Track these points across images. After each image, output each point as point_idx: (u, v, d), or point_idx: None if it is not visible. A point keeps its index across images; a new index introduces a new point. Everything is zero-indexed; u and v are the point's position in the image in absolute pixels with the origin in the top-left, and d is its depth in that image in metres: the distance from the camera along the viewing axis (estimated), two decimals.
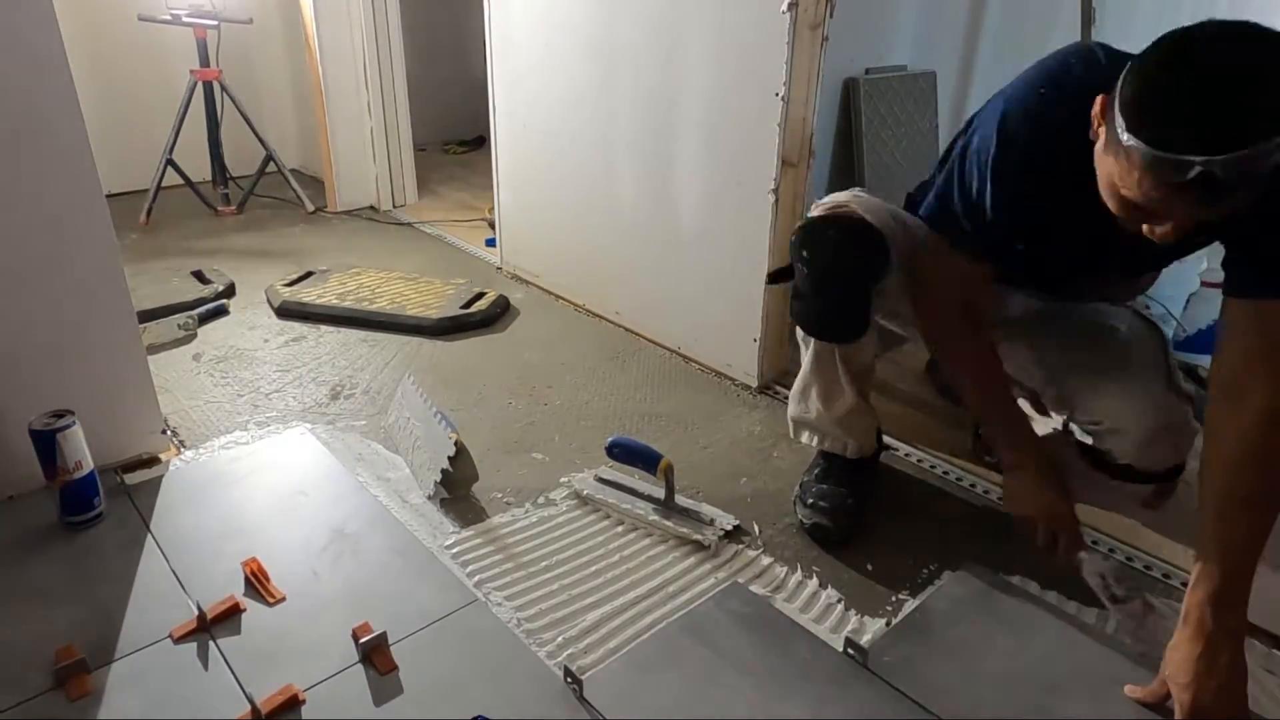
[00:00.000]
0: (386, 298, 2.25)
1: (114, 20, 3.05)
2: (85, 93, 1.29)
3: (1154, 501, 1.45)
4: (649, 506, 1.39)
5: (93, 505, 1.33)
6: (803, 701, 1.04)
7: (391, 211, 3.21)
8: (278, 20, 3.38)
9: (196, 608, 1.13)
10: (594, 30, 2.00)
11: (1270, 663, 1.12)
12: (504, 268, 2.59)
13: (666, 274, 2.00)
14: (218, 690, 1.04)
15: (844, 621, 1.18)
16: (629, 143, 2.00)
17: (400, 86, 3.10)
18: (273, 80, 3.52)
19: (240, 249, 2.74)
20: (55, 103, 1.26)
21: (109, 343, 1.43)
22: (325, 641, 1.11)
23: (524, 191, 2.42)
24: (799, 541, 1.36)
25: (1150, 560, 1.31)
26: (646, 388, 1.86)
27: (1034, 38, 2.43)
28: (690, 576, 1.26)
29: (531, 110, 2.28)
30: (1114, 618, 1.18)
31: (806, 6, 1.54)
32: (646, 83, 1.90)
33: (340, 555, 1.28)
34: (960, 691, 1.06)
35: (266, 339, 2.08)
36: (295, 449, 1.57)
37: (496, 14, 2.28)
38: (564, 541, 1.34)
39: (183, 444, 1.58)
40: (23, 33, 1.21)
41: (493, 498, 1.45)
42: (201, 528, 1.33)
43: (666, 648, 1.12)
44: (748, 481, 1.51)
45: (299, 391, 1.81)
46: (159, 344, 1.99)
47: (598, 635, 1.14)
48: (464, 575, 1.25)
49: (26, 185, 1.28)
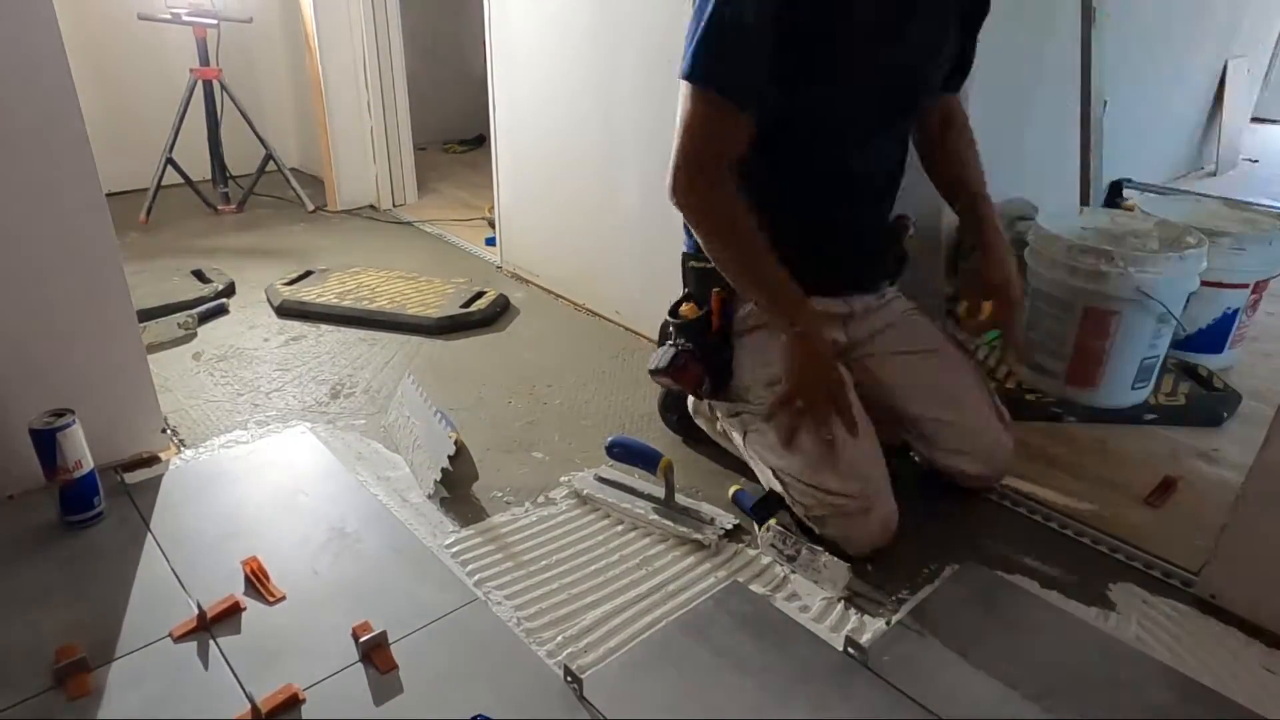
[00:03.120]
0: (386, 297, 2.25)
1: (114, 20, 3.05)
2: (85, 92, 1.29)
3: (1154, 501, 1.46)
4: (649, 506, 1.39)
5: (93, 504, 1.33)
6: (803, 701, 1.04)
7: (391, 210, 3.21)
8: (278, 20, 3.38)
9: (196, 607, 1.13)
10: (594, 29, 2.00)
11: (1270, 662, 1.12)
12: (504, 267, 2.59)
13: (666, 273, 1.99)
14: (218, 689, 1.04)
15: (844, 621, 1.18)
16: (630, 141, 2.00)
17: (400, 86, 3.10)
18: (273, 79, 3.52)
19: (240, 248, 2.74)
20: (55, 102, 1.26)
21: (109, 342, 1.43)
22: (325, 640, 1.11)
23: (524, 191, 2.42)
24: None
25: (1151, 559, 1.31)
26: (646, 387, 1.86)
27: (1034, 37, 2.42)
28: (690, 576, 1.26)
29: (531, 109, 2.28)
30: (794, 573, 1.26)
31: None
32: (647, 82, 1.90)
33: (340, 554, 1.28)
34: (960, 691, 1.06)
35: (266, 338, 2.08)
36: (295, 448, 1.57)
37: (496, 14, 2.28)
38: (564, 541, 1.34)
39: (183, 443, 1.58)
40: (23, 32, 1.21)
41: (493, 497, 1.45)
42: (201, 527, 1.33)
43: (666, 647, 1.12)
44: (747, 481, 1.51)
45: (299, 390, 1.81)
46: (159, 343, 1.99)
47: (598, 634, 1.14)
48: (464, 574, 1.25)
49: (27, 184, 1.28)
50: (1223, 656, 1.13)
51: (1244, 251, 1.76)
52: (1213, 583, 1.21)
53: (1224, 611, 1.20)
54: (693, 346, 1.36)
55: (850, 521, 1.26)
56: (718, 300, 1.35)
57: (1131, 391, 1.70)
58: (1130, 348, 1.65)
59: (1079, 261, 1.62)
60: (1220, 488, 1.48)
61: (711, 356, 1.36)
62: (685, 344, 1.37)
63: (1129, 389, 1.70)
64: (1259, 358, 2.00)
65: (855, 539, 1.27)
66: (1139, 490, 1.48)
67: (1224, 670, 1.11)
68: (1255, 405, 1.75)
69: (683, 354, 1.36)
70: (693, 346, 1.36)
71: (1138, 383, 1.70)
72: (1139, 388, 1.71)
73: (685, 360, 1.35)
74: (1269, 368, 1.97)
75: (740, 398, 1.36)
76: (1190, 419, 1.70)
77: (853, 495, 1.24)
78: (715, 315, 1.35)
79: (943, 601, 1.21)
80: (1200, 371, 1.83)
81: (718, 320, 1.35)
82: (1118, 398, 1.71)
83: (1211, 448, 1.62)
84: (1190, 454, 1.61)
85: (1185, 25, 3.22)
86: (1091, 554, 1.34)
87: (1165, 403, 1.73)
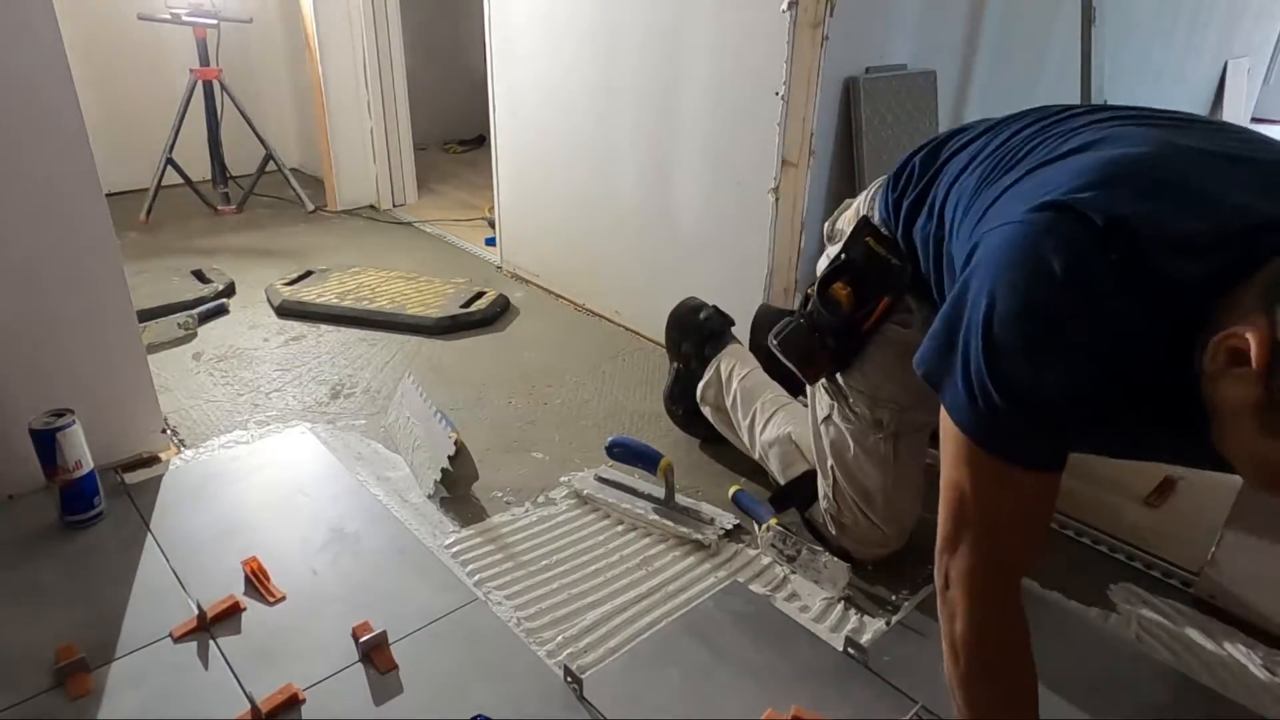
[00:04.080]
0: (386, 297, 2.25)
1: (114, 20, 3.05)
2: (85, 92, 1.29)
3: (1154, 501, 1.46)
4: (649, 506, 1.39)
5: (93, 504, 1.33)
6: (803, 701, 1.04)
7: (391, 211, 3.21)
8: (278, 20, 3.38)
9: (196, 607, 1.13)
10: (594, 29, 2.00)
11: (1270, 662, 1.12)
12: (504, 267, 2.59)
13: (666, 273, 2.00)
14: (218, 689, 1.04)
15: (844, 621, 1.18)
16: (629, 142, 2.00)
17: (400, 86, 3.10)
18: (273, 80, 3.52)
19: (240, 248, 2.74)
20: (55, 102, 1.26)
21: (109, 342, 1.43)
22: (325, 640, 1.11)
23: (524, 191, 2.42)
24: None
25: (1151, 559, 1.31)
26: (646, 387, 1.86)
27: (1034, 38, 2.43)
28: (690, 576, 1.26)
29: (531, 109, 2.28)
30: (794, 573, 1.27)
31: (806, 5, 1.54)
32: (647, 82, 1.90)
33: (340, 554, 1.28)
34: None
35: (266, 338, 2.08)
36: (295, 448, 1.57)
37: (496, 14, 2.28)
38: (564, 541, 1.34)
39: (183, 443, 1.58)
40: (23, 32, 1.21)
41: (493, 497, 1.45)
42: (201, 527, 1.33)
43: (666, 647, 1.12)
44: (747, 481, 1.51)
45: (299, 391, 1.81)
46: (159, 343, 1.99)
47: (598, 634, 1.14)
48: (464, 574, 1.25)
49: (27, 184, 1.28)
50: (1223, 656, 1.13)
51: None
52: (1213, 583, 1.21)
53: (1224, 611, 1.20)
54: (830, 335, 1.22)
55: (866, 546, 1.28)
56: (884, 306, 1.19)
57: None
58: None
59: None
60: (1220, 488, 1.48)
61: (847, 353, 1.23)
62: (820, 326, 1.22)
63: None
64: None
65: (863, 556, 1.29)
66: (1139, 490, 1.48)
67: (1224, 670, 1.11)
68: None
69: (819, 338, 1.22)
70: (830, 335, 1.22)
71: None
72: None
73: (818, 349, 1.23)
74: None
75: (851, 390, 1.25)
76: None
77: (883, 534, 1.27)
78: (875, 318, 1.21)
79: None
80: None
81: (873, 323, 1.21)
82: None
83: None
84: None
85: (1185, 25, 3.22)
86: (1091, 554, 1.34)
87: None
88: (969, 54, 2.17)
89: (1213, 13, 3.35)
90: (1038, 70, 2.51)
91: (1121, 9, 2.59)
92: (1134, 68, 2.94)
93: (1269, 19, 3.90)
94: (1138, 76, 3.03)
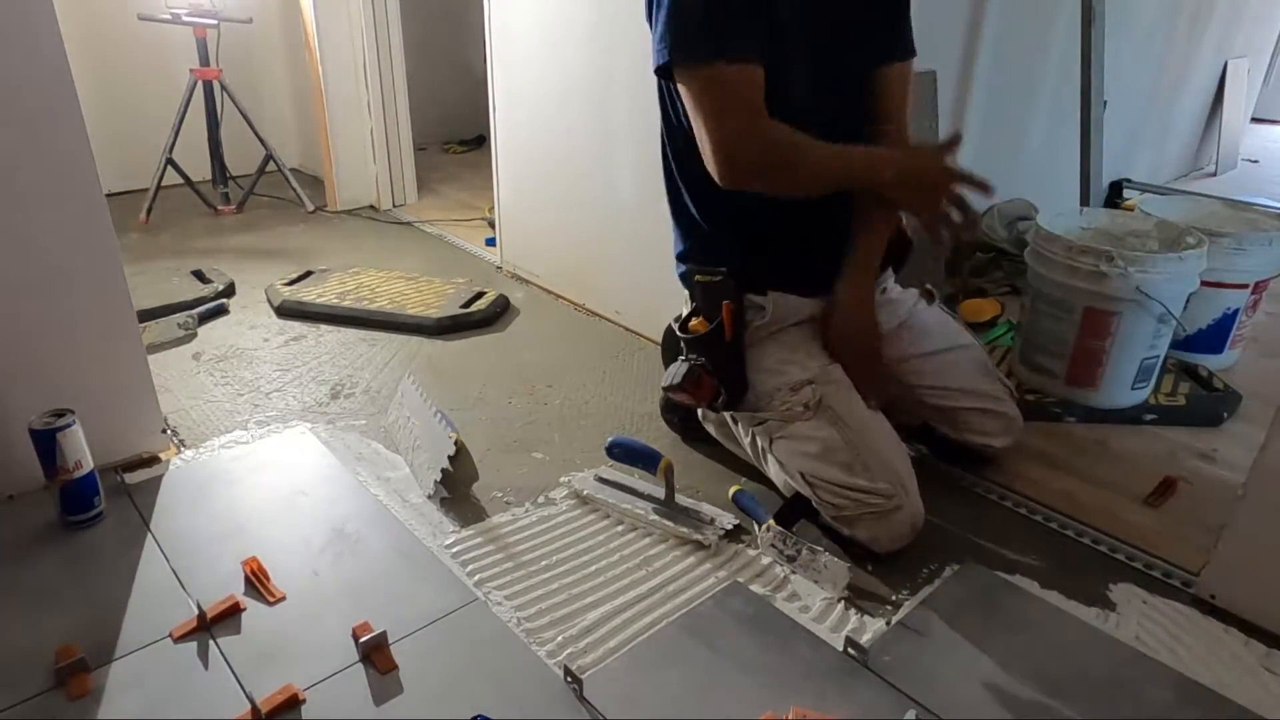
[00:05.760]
0: (386, 297, 2.25)
1: (114, 20, 3.05)
2: (85, 92, 1.29)
3: (1154, 501, 1.46)
4: (649, 506, 1.39)
5: (93, 505, 1.33)
6: (803, 701, 1.04)
7: (391, 211, 3.21)
8: (278, 20, 3.38)
9: (196, 607, 1.13)
10: (594, 29, 2.00)
11: (1270, 663, 1.12)
12: (504, 267, 2.59)
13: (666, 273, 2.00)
14: (218, 690, 1.04)
15: (844, 621, 1.18)
16: (629, 142, 2.00)
17: (400, 86, 3.10)
18: (273, 80, 3.52)
19: (240, 248, 2.74)
20: (55, 102, 1.26)
21: (109, 342, 1.43)
22: (325, 641, 1.11)
23: (524, 191, 2.42)
24: None
25: (1151, 559, 1.31)
26: (646, 387, 1.86)
27: (1034, 37, 2.43)
28: (690, 576, 1.26)
29: (531, 109, 2.28)
30: (794, 573, 1.27)
31: None
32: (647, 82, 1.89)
33: (340, 554, 1.28)
34: (960, 691, 1.06)
35: (266, 338, 2.08)
36: (295, 448, 1.57)
37: (496, 14, 2.28)
38: (564, 541, 1.34)
39: (183, 443, 1.58)
40: (23, 32, 1.21)
41: (493, 497, 1.45)
42: (201, 527, 1.33)
43: (666, 647, 1.12)
44: (747, 481, 1.51)
45: (299, 391, 1.81)
46: (159, 343, 1.99)
47: (598, 635, 1.14)
48: (464, 575, 1.25)
49: (26, 184, 1.28)
50: (1223, 656, 1.13)
51: (1244, 251, 1.76)
52: (1213, 583, 1.21)
53: (1224, 612, 1.20)
54: (705, 361, 1.35)
55: (881, 521, 1.27)
56: (728, 312, 1.33)
57: (1131, 392, 1.70)
58: (1130, 348, 1.65)
59: (1079, 261, 1.62)
60: (1220, 488, 1.48)
61: (726, 369, 1.35)
62: (697, 359, 1.36)
63: (1129, 389, 1.70)
64: (1259, 358, 2.00)
65: (884, 539, 1.28)
66: (1139, 490, 1.48)
67: (1224, 670, 1.11)
68: (1255, 405, 1.75)
69: (696, 368, 1.35)
70: (705, 361, 1.35)
71: (1138, 383, 1.70)
72: (1139, 388, 1.71)
73: (699, 375, 1.34)
74: (1269, 368, 1.97)
75: (762, 406, 1.36)
76: (1190, 419, 1.71)
77: (885, 494, 1.25)
78: (727, 327, 1.34)
79: (943, 601, 1.21)
80: (1200, 371, 1.83)
81: (730, 332, 1.34)
82: (1118, 398, 1.71)
83: (1211, 448, 1.62)
84: (1190, 454, 1.61)
85: (1185, 25, 3.23)
86: (1091, 554, 1.34)
87: (1165, 403, 1.73)
88: (969, 54, 2.17)
89: (1213, 13, 3.35)
90: (1038, 70, 2.51)
91: (1121, 9, 2.59)
92: (1134, 68, 2.94)
93: (1269, 19, 3.91)
94: (1138, 76, 3.03)
